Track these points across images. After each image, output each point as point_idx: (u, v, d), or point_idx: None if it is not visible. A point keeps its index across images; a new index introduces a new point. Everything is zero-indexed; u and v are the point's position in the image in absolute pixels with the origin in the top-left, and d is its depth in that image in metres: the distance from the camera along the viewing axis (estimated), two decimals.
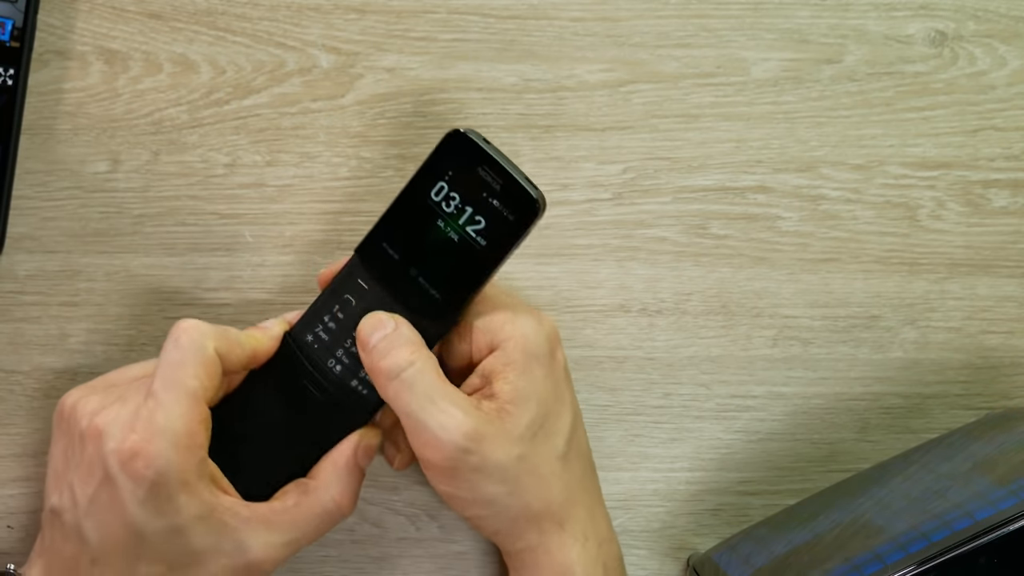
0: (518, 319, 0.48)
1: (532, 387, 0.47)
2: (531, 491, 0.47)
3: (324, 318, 0.48)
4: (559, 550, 0.48)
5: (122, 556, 0.45)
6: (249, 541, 0.45)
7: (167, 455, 0.44)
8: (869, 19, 0.57)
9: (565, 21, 0.56)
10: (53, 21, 0.54)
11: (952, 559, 0.44)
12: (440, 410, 0.45)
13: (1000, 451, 0.51)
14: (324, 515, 0.47)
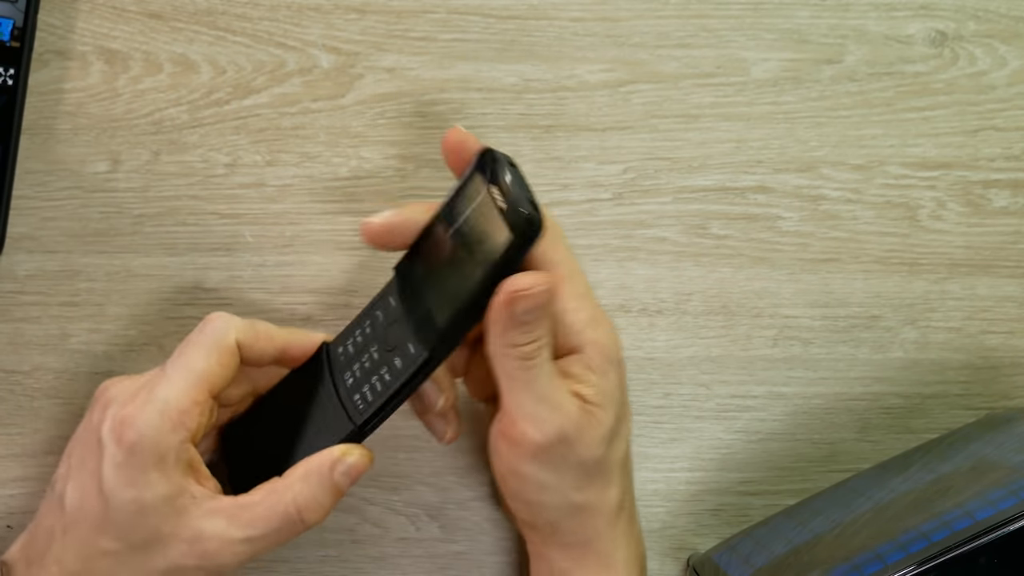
0: (599, 324, 0.47)
1: (612, 392, 0.47)
2: (595, 490, 0.48)
3: (356, 332, 0.48)
4: (607, 549, 0.49)
5: (89, 524, 0.45)
6: (207, 531, 0.45)
7: (151, 422, 0.44)
8: (869, 19, 0.57)
9: (565, 21, 0.56)
10: (53, 21, 0.54)
11: (952, 559, 0.43)
12: (557, 396, 0.45)
13: (1000, 451, 0.51)
14: (284, 517, 0.45)
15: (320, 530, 0.55)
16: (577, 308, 0.47)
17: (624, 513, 0.49)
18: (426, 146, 0.56)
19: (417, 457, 0.56)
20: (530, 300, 0.44)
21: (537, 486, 0.47)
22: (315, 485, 0.46)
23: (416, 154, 0.56)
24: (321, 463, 0.46)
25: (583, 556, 0.49)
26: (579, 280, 0.47)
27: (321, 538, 0.55)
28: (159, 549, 0.45)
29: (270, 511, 0.45)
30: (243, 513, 0.45)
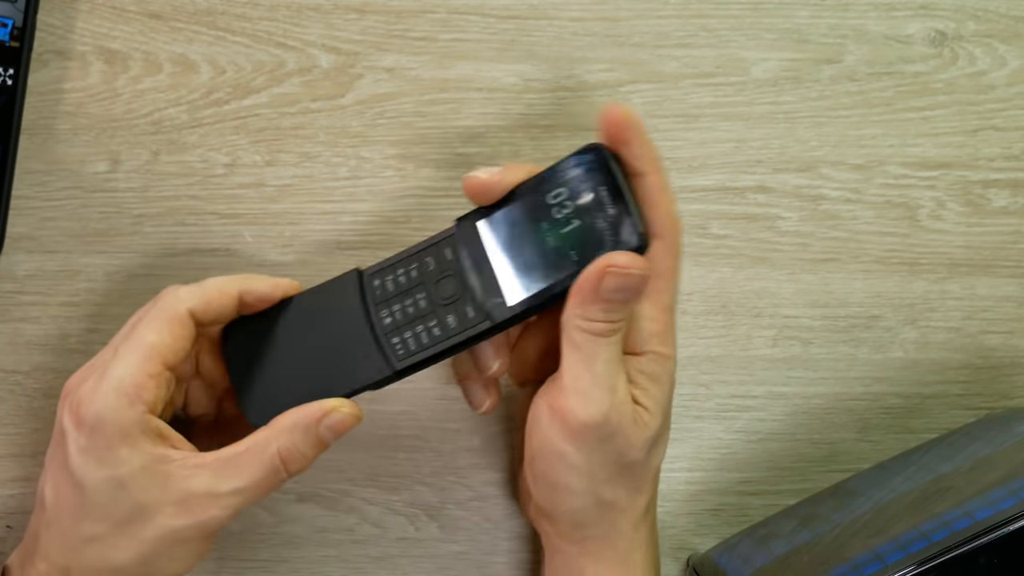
0: (668, 340, 0.47)
1: (662, 403, 0.47)
2: (623, 491, 0.48)
3: (399, 271, 0.47)
4: (626, 549, 0.49)
5: (68, 515, 0.45)
6: (194, 488, 0.45)
7: (107, 402, 0.44)
8: (869, 19, 0.57)
9: (565, 21, 0.56)
10: (53, 21, 0.54)
11: (952, 559, 0.44)
12: (614, 381, 0.45)
13: (1000, 451, 0.51)
14: (270, 468, 0.46)
15: (320, 530, 0.55)
16: (655, 318, 0.47)
17: (648, 519, 0.50)
18: (426, 146, 0.56)
19: (417, 457, 0.56)
20: (623, 279, 0.44)
21: (568, 468, 0.47)
22: (300, 438, 0.46)
23: (416, 154, 0.56)
24: (310, 417, 0.46)
25: (601, 553, 0.49)
26: (668, 294, 0.48)
27: (321, 538, 0.55)
28: (146, 519, 0.45)
29: (256, 461, 0.46)
30: (229, 466, 0.46)
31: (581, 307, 0.45)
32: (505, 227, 0.46)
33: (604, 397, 0.45)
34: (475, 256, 0.46)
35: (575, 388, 0.45)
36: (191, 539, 0.45)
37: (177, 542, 0.45)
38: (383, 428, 0.56)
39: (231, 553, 0.55)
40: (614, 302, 0.44)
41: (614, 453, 0.46)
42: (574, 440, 0.46)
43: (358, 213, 0.55)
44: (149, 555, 0.45)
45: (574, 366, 0.46)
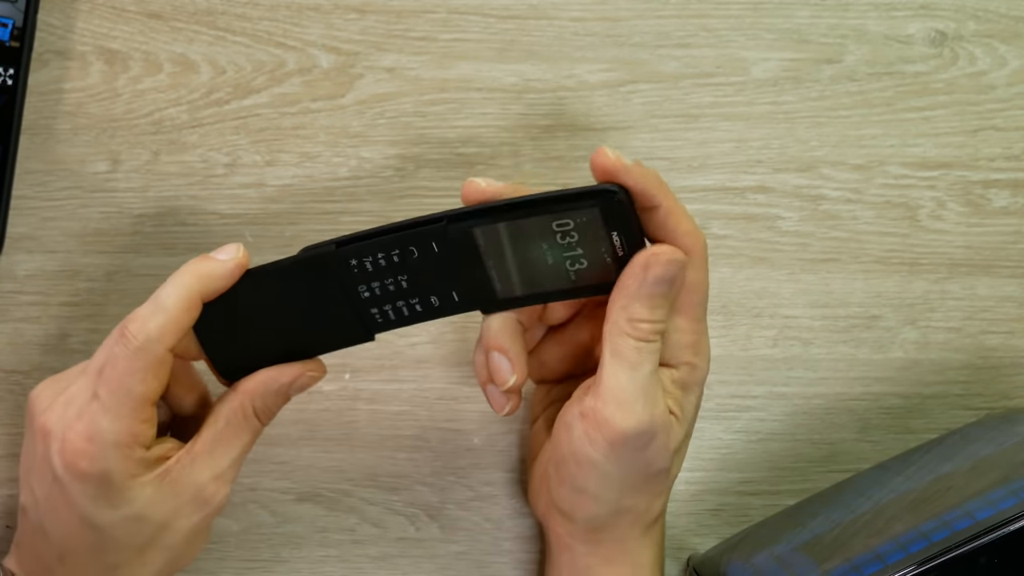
0: (701, 350, 0.48)
1: (689, 412, 0.48)
2: (644, 496, 0.48)
3: (378, 254, 0.46)
4: (637, 551, 0.49)
5: (86, 551, 0.46)
6: (199, 479, 0.46)
7: (109, 456, 0.44)
8: (869, 19, 0.57)
9: (565, 21, 0.56)
10: (53, 21, 0.54)
11: (952, 559, 0.43)
12: (656, 393, 0.46)
13: (1000, 451, 0.51)
14: (250, 429, 0.47)
15: (320, 530, 0.55)
16: (688, 330, 0.47)
17: (660, 522, 0.50)
18: (426, 146, 0.56)
19: (417, 457, 0.56)
20: (666, 267, 0.44)
21: (599, 476, 0.47)
22: (271, 398, 0.47)
23: (416, 154, 0.56)
24: (280, 381, 0.47)
25: (612, 555, 0.49)
26: (701, 308, 0.48)
27: (321, 538, 0.55)
28: (167, 530, 0.46)
29: (239, 429, 0.47)
30: (219, 444, 0.47)
31: (626, 307, 0.45)
32: (502, 239, 0.46)
33: (646, 409, 0.45)
34: (463, 254, 0.46)
35: (617, 398, 0.45)
36: (206, 525, 0.47)
37: (197, 533, 0.47)
38: (383, 428, 0.56)
39: (232, 553, 0.55)
40: (657, 296, 0.45)
41: (644, 463, 0.47)
42: (610, 450, 0.46)
43: (358, 213, 0.55)
44: (175, 557, 0.47)
45: (617, 375, 0.45)
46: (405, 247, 0.46)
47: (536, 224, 0.44)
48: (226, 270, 0.46)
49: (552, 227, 0.44)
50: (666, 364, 0.47)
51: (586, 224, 0.44)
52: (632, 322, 0.45)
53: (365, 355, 0.55)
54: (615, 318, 0.45)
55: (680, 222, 0.45)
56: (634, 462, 0.46)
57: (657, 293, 0.44)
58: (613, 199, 0.44)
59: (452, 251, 0.46)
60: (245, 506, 0.55)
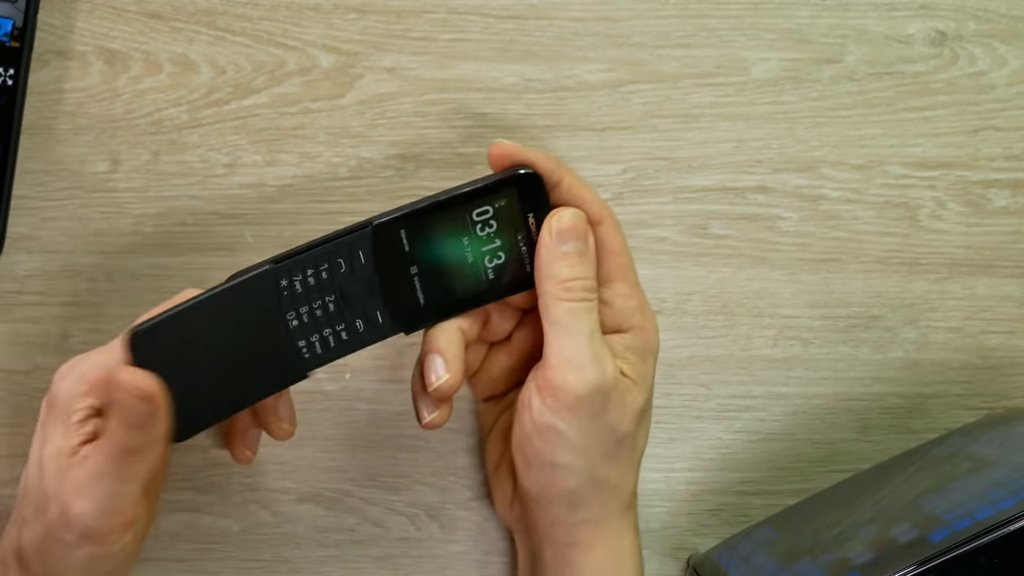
0: (647, 313, 0.49)
1: (646, 377, 0.49)
2: (615, 467, 0.48)
3: (308, 271, 0.46)
4: (617, 533, 0.49)
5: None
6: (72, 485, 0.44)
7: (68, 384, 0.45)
8: (869, 19, 0.57)
9: (565, 21, 0.56)
10: (53, 21, 0.54)
11: (952, 559, 0.43)
12: (601, 352, 0.46)
13: (1000, 451, 0.51)
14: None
15: (320, 530, 0.55)
16: (628, 295, 0.49)
17: (635, 503, 0.50)
18: (426, 146, 0.56)
19: (417, 457, 0.56)
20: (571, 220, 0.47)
21: (564, 444, 0.47)
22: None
23: (416, 154, 0.56)
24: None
25: (592, 541, 0.49)
26: (632, 271, 0.49)
27: (322, 538, 0.55)
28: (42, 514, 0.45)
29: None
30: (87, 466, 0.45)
31: (549, 274, 0.47)
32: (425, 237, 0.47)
33: (593, 366, 0.46)
34: (389, 263, 0.47)
35: (566, 362, 0.46)
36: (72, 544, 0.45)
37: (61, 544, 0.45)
38: (383, 428, 0.56)
39: (232, 553, 0.55)
40: (572, 254, 0.46)
41: (606, 427, 0.47)
42: (568, 414, 0.46)
43: (358, 213, 0.55)
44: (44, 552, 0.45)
45: (559, 341, 0.47)
46: (334, 260, 0.46)
47: (457, 217, 0.46)
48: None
49: (472, 217, 0.46)
50: (617, 330, 0.48)
51: (504, 209, 0.47)
52: (559, 285, 0.47)
53: (365, 355, 0.55)
54: (544, 289, 0.47)
55: (583, 192, 0.48)
56: (596, 425, 0.47)
57: (571, 250, 0.47)
58: (527, 177, 0.47)
59: (378, 259, 0.47)
60: (246, 506, 0.55)
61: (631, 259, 0.49)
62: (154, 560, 0.55)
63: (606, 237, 0.48)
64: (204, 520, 0.55)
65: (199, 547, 0.55)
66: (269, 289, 0.46)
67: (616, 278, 0.49)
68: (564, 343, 0.46)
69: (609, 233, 0.48)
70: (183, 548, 0.55)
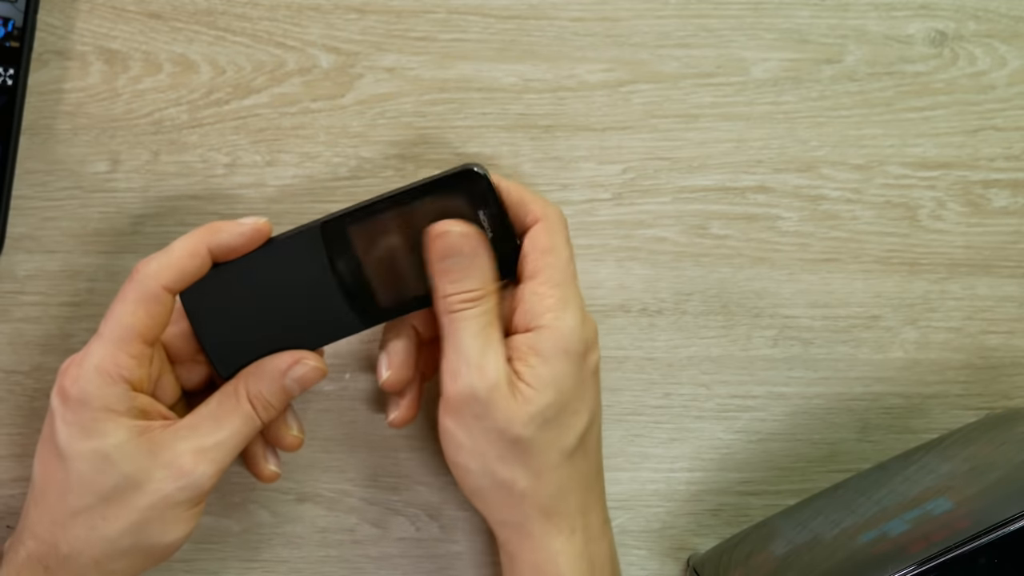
0: (564, 313, 0.48)
1: (552, 378, 0.47)
2: (520, 471, 0.48)
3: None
4: (541, 537, 0.48)
5: (54, 490, 0.46)
6: (180, 449, 0.46)
7: (91, 379, 0.45)
8: (869, 19, 0.57)
9: (565, 21, 0.56)
10: (53, 21, 0.54)
11: (952, 559, 0.43)
12: (477, 354, 0.47)
13: (1000, 451, 0.51)
14: (244, 416, 0.48)
15: (321, 530, 0.55)
16: (545, 294, 0.48)
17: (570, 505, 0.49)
18: (426, 146, 0.56)
19: (417, 457, 0.56)
20: (444, 241, 0.47)
21: (456, 446, 0.48)
22: (267, 387, 0.48)
23: (416, 154, 0.56)
24: (275, 368, 0.48)
25: (519, 542, 0.49)
26: (562, 270, 0.48)
27: (322, 538, 0.55)
28: (136, 489, 0.46)
29: (231, 413, 0.48)
30: (207, 422, 0.47)
31: (435, 287, 0.47)
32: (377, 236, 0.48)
33: (466, 371, 0.46)
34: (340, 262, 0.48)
35: (445, 367, 0.47)
36: (182, 502, 0.46)
37: (169, 507, 0.46)
38: (383, 428, 0.56)
39: (232, 553, 0.55)
40: (452, 271, 0.47)
41: (494, 429, 0.47)
42: (453, 417, 0.47)
43: None
44: (141, 524, 0.46)
45: (444, 348, 0.48)
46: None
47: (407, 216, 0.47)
48: (240, 229, 0.48)
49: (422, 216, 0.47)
50: (525, 329, 0.48)
51: (455, 206, 0.47)
52: (442, 299, 0.47)
53: (364, 355, 0.55)
54: (434, 300, 0.48)
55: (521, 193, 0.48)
56: (482, 428, 0.47)
57: (449, 267, 0.47)
58: (478, 172, 0.47)
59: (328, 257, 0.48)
60: (245, 506, 0.55)
61: (565, 258, 0.49)
62: None
63: (538, 235, 0.48)
64: (204, 520, 0.55)
65: (199, 547, 0.55)
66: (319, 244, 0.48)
67: (536, 275, 0.48)
68: (446, 351, 0.47)
69: (542, 232, 0.48)
70: (183, 548, 0.55)
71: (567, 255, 0.49)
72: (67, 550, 0.46)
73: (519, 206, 0.48)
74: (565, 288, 0.48)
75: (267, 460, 0.52)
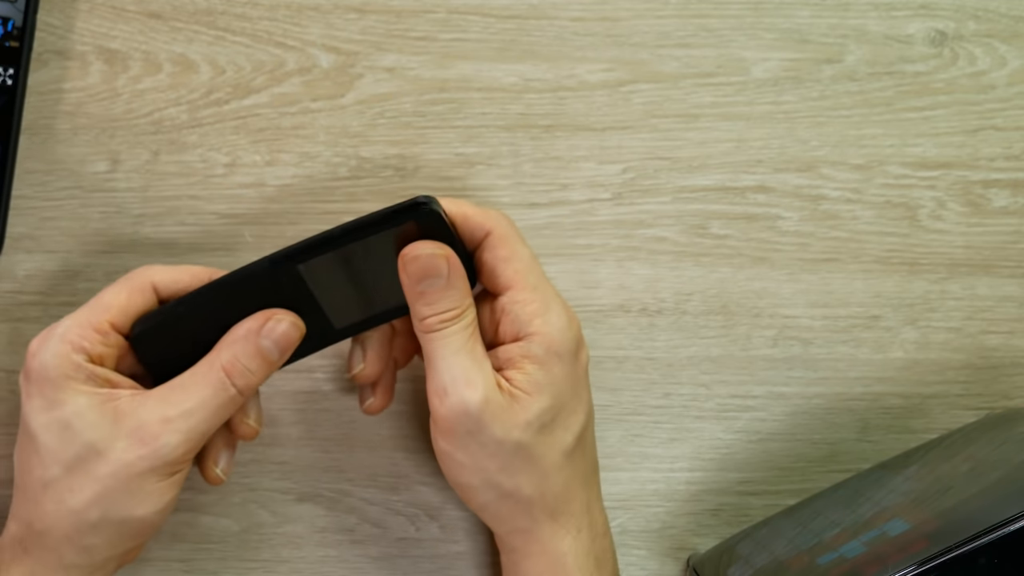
0: (550, 316, 0.48)
1: (548, 381, 0.47)
2: (524, 476, 0.47)
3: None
4: (550, 539, 0.49)
5: (25, 467, 0.46)
6: (144, 417, 0.45)
7: (51, 349, 0.46)
8: (869, 19, 0.57)
9: (565, 21, 0.56)
10: (53, 21, 0.54)
11: (952, 559, 0.43)
12: (462, 370, 0.46)
13: (1000, 451, 0.51)
14: (215, 383, 0.46)
15: (320, 530, 0.55)
16: (527, 300, 0.48)
17: (574, 505, 0.49)
18: (426, 146, 0.56)
19: (417, 457, 0.56)
20: (420, 263, 0.46)
21: (457, 466, 0.48)
22: (241, 348, 0.47)
23: (416, 154, 0.56)
24: (247, 330, 0.47)
25: (527, 546, 0.49)
26: (532, 272, 0.48)
27: (321, 538, 0.55)
28: (98, 456, 0.45)
29: (201, 380, 0.46)
30: (175, 391, 0.46)
31: (412, 309, 0.47)
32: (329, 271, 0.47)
33: (455, 389, 0.46)
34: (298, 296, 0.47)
35: (431, 389, 0.47)
36: (147, 473, 0.45)
37: (132, 477, 0.45)
38: (383, 428, 0.56)
39: (232, 553, 0.55)
40: (429, 293, 0.46)
41: (492, 442, 0.46)
42: (447, 438, 0.47)
43: (358, 213, 0.55)
44: (105, 494, 0.45)
45: (427, 370, 0.47)
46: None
47: (358, 249, 0.46)
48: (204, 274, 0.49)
49: (373, 249, 0.46)
50: (515, 339, 0.48)
51: (407, 238, 0.46)
52: (419, 320, 0.47)
53: None
54: (413, 323, 0.47)
55: (462, 208, 0.47)
56: (478, 444, 0.47)
57: (424, 289, 0.46)
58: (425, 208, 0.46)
59: (283, 291, 0.47)
60: (245, 506, 0.55)
61: (530, 262, 0.48)
62: (154, 560, 0.55)
63: (495, 247, 0.47)
64: (203, 520, 0.55)
65: (198, 547, 0.55)
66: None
67: (512, 285, 0.48)
68: (430, 372, 0.47)
69: (498, 243, 0.48)
70: (182, 548, 0.55)
71: (529, 255, 0.48)
72: (40, 527, 0.46)
73: (463, 222, 0.47)
74: (542, 289, 0.48)
75: (215, 462, 0.50)
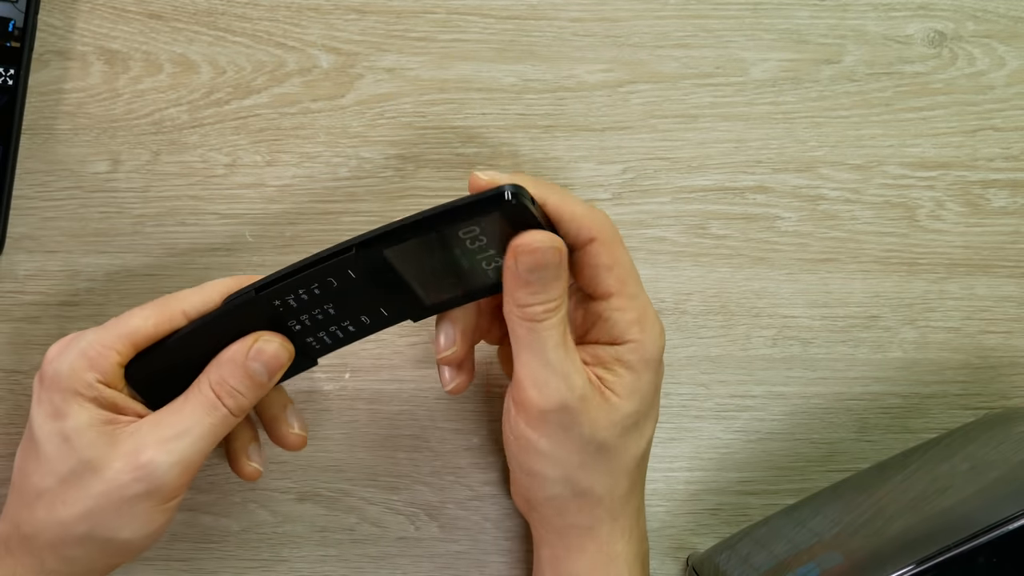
0: (647, 325, 0.48)
1: (638, 388, 0.48)
2: (599, 476, 0.48)
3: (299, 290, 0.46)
4: (608, 539, 0.49)
5: (23, 469, 0.47)
6: (140, 441, 0.46)
7: (68, 360, 0.46)
8: (868, 19, 0.57)
9: (565, 21, 0.56)
10: (53, 21, 0.54)
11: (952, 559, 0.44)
12: (563, 363, 0.46)
13: (998, 451, 0.51)
14: (206, 404, 0.46)
15: (320, 530, 0.55)
16: (625, 308, 0.48)
17: (630, 508, 0.50)
18: (426, 146, 0.56)
19: (417, 457, 0.56)
20: (533, 256, 0.45)
21: (538, 454, 0.47)
22: (228, 370, 0.47)
23: (416, 154, 0.56)
24: (235, 352, 0.47)
25: (582, 543, 0.49)
26: (633, 283, 0.48)
27: (321, 538, 0.55)
28: (93, 474, 0.45)
29: (193, 402, 0.47)
30: (168, 415, 0.47)
31: (511, 295, 0.46)
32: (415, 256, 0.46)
33: (556, 382, 0.46)
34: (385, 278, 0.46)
35: (529, 379, 0.46)
36: (140, 496, 0.45)
37: (125, 499, 0.45)
38: (383, 428, 0.56)
39: (231, 552, 0.55)
40: (534, 283, 0.45)
41: (580, 438, 0.47)
42: (537, 427, 0.47)
43: (358, 213, 0.55)
44: (95, 512, 0.45)
45: (522, 357, 0.47)
46: (323, 279, 0.46)
47: (443, 237, 0.45)
48: None
49: (459, 236, 0.45)
50: (613, 342, 0.48)
51: (491, 226, 0.45)
52: (520, 308, 0.46)
53: (365, 355, 0.55)
54: (507, 308, 0.47)
55: (572, 209, 0.46)
56: (567, 438, 0.47)
57: (533, 279, 0.45)
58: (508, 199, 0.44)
59: (369, 275, 0.46)
60: (245, 506, 0.55)
61: (631, 269, 0.48)
62: (153, 560, 0.55)
63: (598, 253, 0.47)
64: (203, 519, 0.55)
65: (198, 546, 0.55)
66: (264, 308, 0.47)
67: (614, 293, 0.48)
68: (527, 360, 0.46)
69: (601, 250, 0.47)
70: (182, 547, 0.55)
71: (629, 262, 0.48)
72: (27, 530, 0.46)
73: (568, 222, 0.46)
74: (641, 298, 0.48)
75: (249, 457, 0.51)
